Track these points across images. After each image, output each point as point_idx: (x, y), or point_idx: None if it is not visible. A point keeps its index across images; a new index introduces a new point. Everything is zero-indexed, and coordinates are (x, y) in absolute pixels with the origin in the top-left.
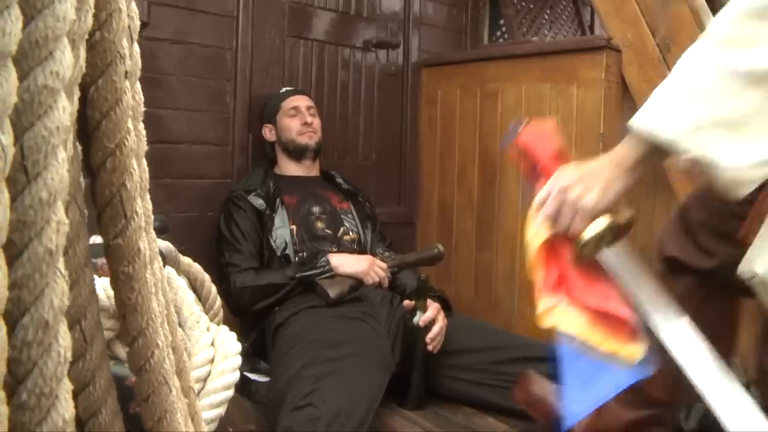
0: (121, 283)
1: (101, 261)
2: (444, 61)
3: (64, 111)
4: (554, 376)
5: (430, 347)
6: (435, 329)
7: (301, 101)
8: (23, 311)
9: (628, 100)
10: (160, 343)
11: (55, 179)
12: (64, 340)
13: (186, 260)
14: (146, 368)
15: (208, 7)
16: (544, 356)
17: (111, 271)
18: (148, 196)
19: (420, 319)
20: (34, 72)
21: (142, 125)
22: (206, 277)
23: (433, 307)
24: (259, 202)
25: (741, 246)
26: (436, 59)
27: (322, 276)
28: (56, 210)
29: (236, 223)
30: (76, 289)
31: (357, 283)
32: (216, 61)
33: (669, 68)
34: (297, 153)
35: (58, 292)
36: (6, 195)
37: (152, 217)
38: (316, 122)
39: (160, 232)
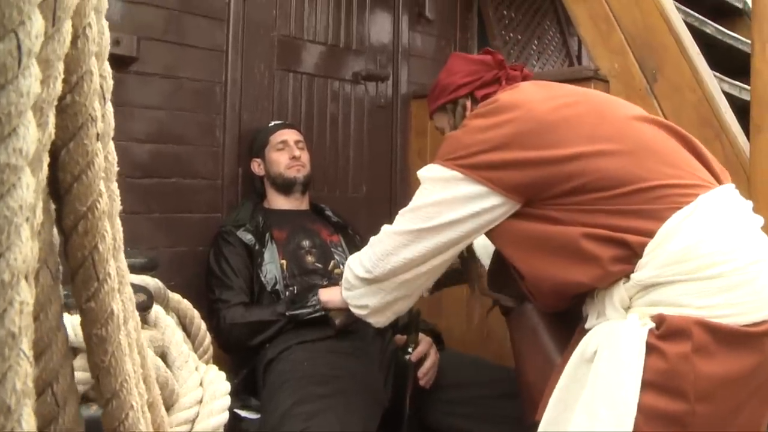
0: (94, 345)
1: None
2: None
3: (28, 188)
4: None
5: (422, 382)
6: (427, 364)
7: (290, 135)
8: None
9: None
10: (134, 404)
11: (19, 259)
12: (27, 424)
13: (175, 297)
14: (120, 430)
15: (197, 41)
16: None
17: (84, 333)
18: (122, 256)
19: (412, 354)
20: None
21: (115, 185)
22: (196, 314)
23: (424, 342)
24: (248, 237)
25: None
26: (426, 91)
27: (313, 314)
28: (20, 290)
29: (226, 258)
30: (48, 353)
31: None
32: (205, 95)
33: (656, 99)
34: (286, 187)
35: (21, 375)
36: None
37: (127, 277)
38: (305, 156)
39: (149, 269)
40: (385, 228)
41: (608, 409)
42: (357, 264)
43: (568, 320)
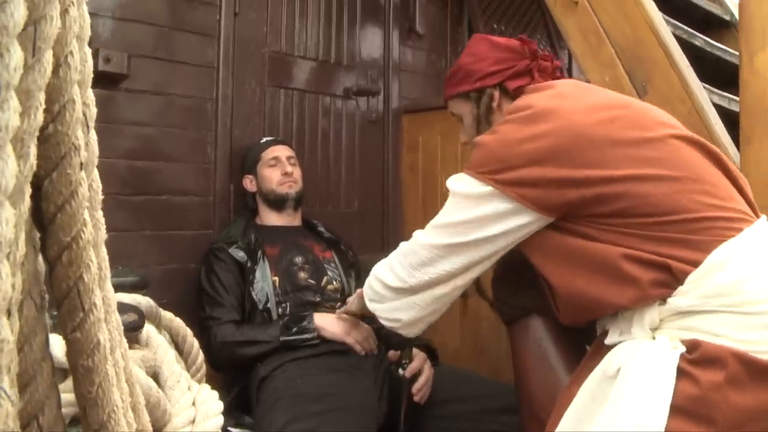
0: (81, 376)
1: None
2: (424, 108)
3: (8, 223)
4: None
5: (416, 398)
6: (421, 380)
7: (281, 151)
8: None
9: None
10: None
11: None
12: None
13: (167, 315)
14: None
15: (187, 58)
16: None
17: (70, 364)
18: (108, 284)
19: (406, 370)
20: None
21: (100, 213)
22: (188, 331)
23: (419, 357)
24: (240, 255)
25: None
26: (417, 105)
27: (308, 342)
28: (0, 328)
29: (217, 276)
30: (33, 385)
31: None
32: (196, 112)
33: None
34: (278, 203)
35: (2, 416)
36: None
37: (114, 304)
38: (297, 172)
39: (140, 287)
40: (419, 239)
41: (633, 429)
42: (388, 273)
43: (574, 335)
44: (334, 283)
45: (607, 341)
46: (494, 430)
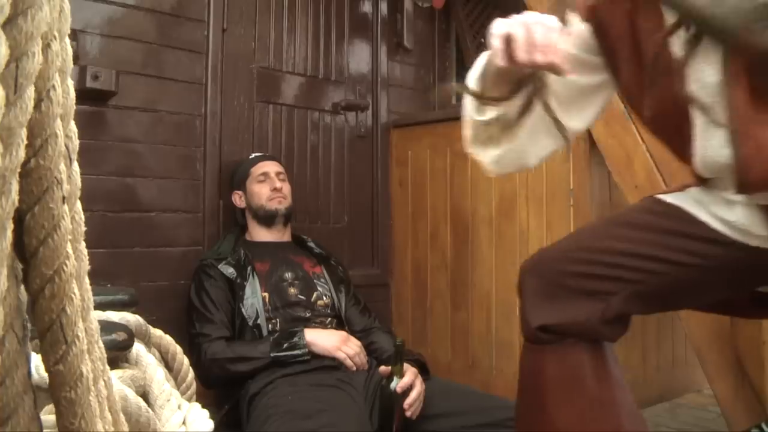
0: (64, 408)
1: None
2: (413, 122)
3: None
4: None
5: (408, 413)
6: (413, 395)
7: (270, 167)
8: None
9: (596, 155)
10: None
11: None
12: None
13: (157, 332)
14: None
15: (176, 74)
16: None
17: (53, 397)
18: (91, 315)
19: (397, 384)
20: None
21: (83, 245)
22: (178, 349)
23: (410, 372)
24: (229, 271)
25: None
26: (405, 120)
27: (299, 358)
28: None
29: (207, 292)
30: (15, 418)
31: None
32: (185, 128)
33: (634, 123)
34: (267, 219)
35: None
36: None
37: (97, 334)
38: (286, 187)
39: (130, 305)
40: None
41: None
42: None
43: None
44: (324, 298)
45: None
46: None
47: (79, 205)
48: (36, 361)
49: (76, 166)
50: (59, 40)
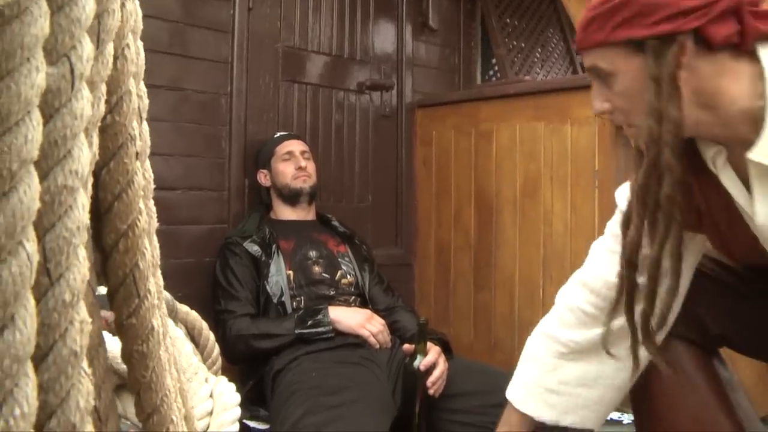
0: (135, 361)
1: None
2: (438, 102)
3: (84, 209)
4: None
5: (431, 391)
6: (436, 373)
7: (295, 146)
8: (50, 414)
9: (622, 136)
10: (174, 418)
11: (77, 279)
12: None
13: (183, 308)
14: None
15: (202, 53)
16: None
17: (124, 349)
18: (159, 272)
19: (420, 363)
20: (54, 172)
21: (152, 203)
22: (204, 324)
23: (434, 351)
24: (254, 249)
25: None
26: (430, 100)
27: (323, 335)
28: (79, 310)
29: (232, 269)
30: (91, 369)
31: None
32: (211, 107)
33: None
34: (292, 197)
35: (84, 393)
36: (32, 303)
37: (163, 292)
38: (311, 166)
39: None
40: None
41: None
42: None
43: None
44: (348, 277)
45: None
46: None
47: (148, 163)
48: None
49: (146, 125)
50: (132, 0)
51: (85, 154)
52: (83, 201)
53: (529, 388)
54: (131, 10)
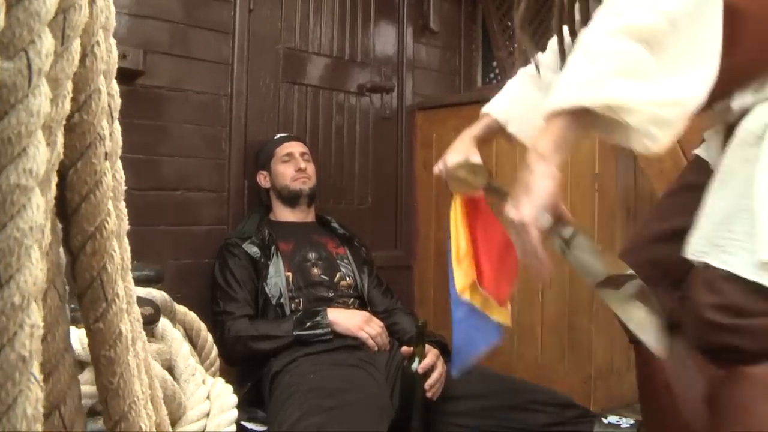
0: (103, 367)
1: None
2: (438, 104)
3: (38, 209)
4: (554, 423)
5: (429, 394)
6: (434, 376)
7: (295, 147)
8: None
9: None
10: (143, 425)
11: (29, 281)
12: None
13: (181, 309)
14: None
15: (203, 54)
16: (544, 401)
17: (92, 354)
18: (129, 276)
19: (419, 365)
20: (6, 170)
21: (123, 204)
22: (202, 326)
23: (432, 353)
24: (254, 250)
25: None
26: (431, 102)
27: (322, 337)
28: (30, 313)
29: (231, 271)
30: (56, 375)
31: None
32: (211, 108)
33: None
34: (291, 199)
35: (32, 400)
36: None
37: (135, 296)
38: (310, 168)
39: (155, 281)
40: None
41: None
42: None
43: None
44: (347, 279)
45: (735, 103)
46: (507, 426)
47: (119, 163)
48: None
49: (117, 125)
50: None
51: (41, 153)
52: (38, 201)
53: None
54: (102, 7)
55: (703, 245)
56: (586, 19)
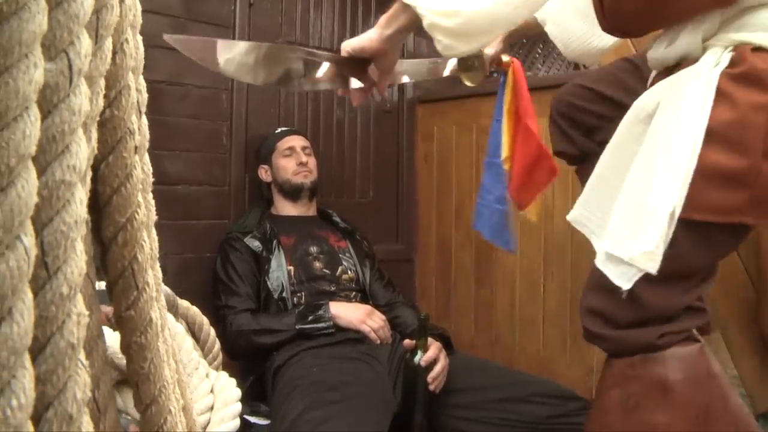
0: (134, 352)
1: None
2: (439, 97)
3: (81, 203)
4: (556, 416)
5: (432, 387)
6: (437, 369)
7: (296, 141)
8: (47, 405)
9: None
10: (172, 409)
11: (75, 272)
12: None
13: (184, 303)
14: None
15: None
16: (546, 393)
17: (123, 341)
18: (157, 265)
19: (421, 358)
20: (51, 167)
21: (150, 196)
22: (204, 320)
23: (434, 347)
24: (255, 244)
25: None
26: (432, 95)
27: (324, 331)
28: (76, 302)
29: (233, 265)
30: (90, 360)
31: None
32: (212, 102)
33: None
34: (293, 193)
35: (81, 385)
36: (30, 296)
37: (162, 285)
38: (312, 162)
39: None
40: None
41: (666, 159)
42: None
43: None
44: (349, 272)
45: (651, 53)
46: (509, 418)
47: (147, 157)
48: None
49: (144, 119)
50: None
51: (83, 149)
52: (81, 195)
53: None
54: (130, 5)
55: (583, 214)
56: None
